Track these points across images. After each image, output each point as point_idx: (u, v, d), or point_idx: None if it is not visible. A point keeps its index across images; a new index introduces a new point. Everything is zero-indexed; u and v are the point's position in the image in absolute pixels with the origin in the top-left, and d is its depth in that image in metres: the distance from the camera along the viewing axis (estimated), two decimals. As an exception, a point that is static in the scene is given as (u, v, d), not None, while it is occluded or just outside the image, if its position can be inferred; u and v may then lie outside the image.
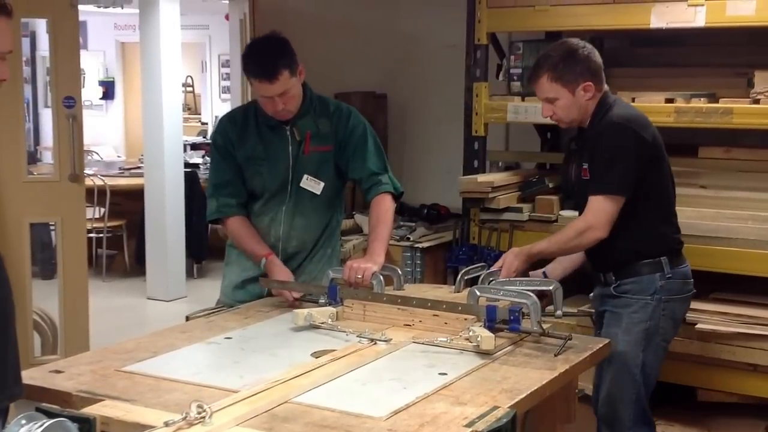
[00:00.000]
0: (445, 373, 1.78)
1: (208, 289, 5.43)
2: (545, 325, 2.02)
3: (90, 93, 9.17)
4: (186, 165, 6.00)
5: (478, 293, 2.11)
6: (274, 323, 2.19)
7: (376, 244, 2.34)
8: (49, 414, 1.39)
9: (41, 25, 8.50)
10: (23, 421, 1.31)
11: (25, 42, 8.82)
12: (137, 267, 5.98)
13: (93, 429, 1.44)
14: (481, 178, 3.39)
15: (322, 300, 2.25)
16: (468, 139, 3.51)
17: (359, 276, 2.23)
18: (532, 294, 2.03)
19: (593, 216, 2.32)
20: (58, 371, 1.78)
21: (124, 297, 5.65)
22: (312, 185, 2.42)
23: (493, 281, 2.29)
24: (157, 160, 5.50)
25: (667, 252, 2.39)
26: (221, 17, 6.64)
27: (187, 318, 2.30)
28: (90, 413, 1.49)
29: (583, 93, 2.35)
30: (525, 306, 2.01)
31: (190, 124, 8.79)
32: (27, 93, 8.85)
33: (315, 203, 2.44)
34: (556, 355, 1.92)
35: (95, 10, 7.37)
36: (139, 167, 6.44)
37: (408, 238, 3.70)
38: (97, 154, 8.02)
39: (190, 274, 5.89)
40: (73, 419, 1.40)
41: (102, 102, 9.67)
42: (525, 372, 1.81)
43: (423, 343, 1.98)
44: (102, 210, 6.03)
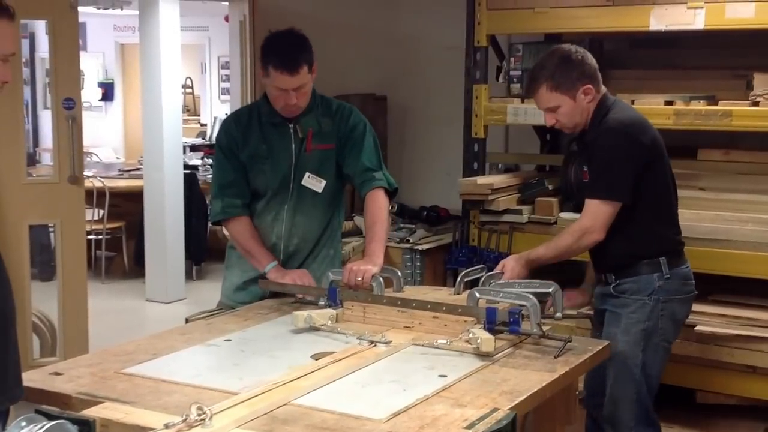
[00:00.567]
0: (445, 375, 1.78)
1: (207, 291, 5.43)
2: (545, 327, 2.02)
3: (89, 94, 9.17)
4: (185, 166, 6.00)
5: (477, 295, 2.11)
6: (273, 325, 2.19)
7: (374, 245, 2.33)
8: (49, 416, 1.39)
9: (40, 27, 8.51)
10: (23, 424, 1.31)
11: (25, 43, 8.82)
12: (136, 269, 5.97)
13: (93, 431, 1.44)
14: (481, 180, 3.40)
15: (321, 302, 2.25)
16: (468, 141, 3.51)
17: (359, 278, 2.22)
18: (531, 296, 2.03)
19: (589, 219, 2.33)
20: (57, 373, 1.78)
21: (123, 299, 5.65)
22: (314, 183, 2.41)
23: (494, 284, 2.29)
24: (157, 161, 5.50)
25: (666, 253, 2.39)
26: (221, 19, 6.64)
27: (187, 320, 2.29)
28: (90, 415, 1.49)
29: (584, 96, 2.36)
30: (525, 308, 2.01)
31: (189, 125, 8.79)
32: (26, 94, 8.85)
33: (316, 202, 2.44)
34: (556, 357, 1.92)
35: (95, 11, 7.37)
36: (139, 169, 6.44)
37: (408, 240, 3.70)
38: (97, 155, 8.02)
39: (189, 275, 5.89)
40: (73, 421, 1.40)
41: (101, 103, 9.67)
42: (525, 374, 1.81)
43: (423, 345, 1.98)
44: (101, 212, 6.02)
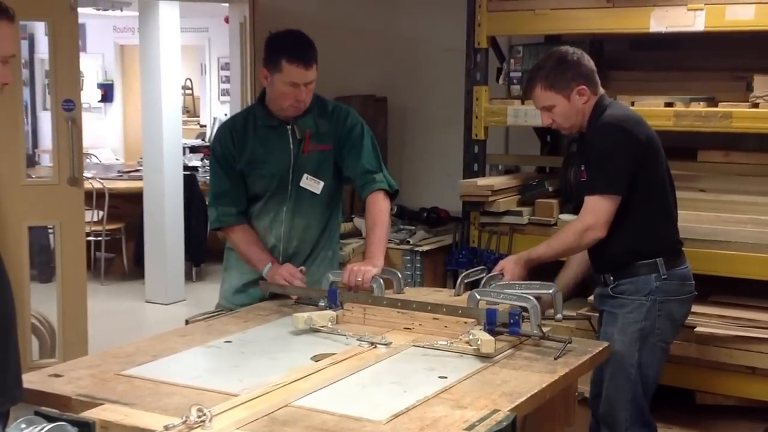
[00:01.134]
0: (445, 377, 1.77)
1: (207, 293, 5.43)
2: (545, 329, 2.02)
3: (89, 96, 9.16)
4: (185, 168, 6.00)
5: (478, 296, 2.11)
6: (273, 327, 2.19)
7: (374, 247, 2.33)
8: (49, 418, 1.38)
9: (39, 28, 8.51)
10: (23, 425, 1.31)
11: (24, 44, 8.82)
12: (136, 270, 5.97)
13: (92, 433, 1.44)
14: (481, 181, 3.40)
15: (322, 303, 2.25)
16: (468, 143, 3.51)
17: (359, 279, 2.22)
18: (531, 297, 2.03)
19: (591, 216, 2.33)
20: (57, 375, 1.78)
21: (122, 300, 5.64)
22: (312, 184, 2.42)
23: (494, 285, 2.29)
24: (156, 162, 5.50)
25: (664, 252, 2.39)
26: (221, 20, 6.64)
27: (187, 321, 2.29)
28: (89, 417, 1.49)
29: (579, 97, 2.37)
30: (525, 309, 2.01)
31: (189, 126, 8.79)
32: (26, 95, 8.83)
33: (314, 203, 2.44)
34: (556, 359, 1.92)
35: (94, 12, 7.36)
36: (138, 170, 6.44)
37: (408, 241, 3.69)
38: (96, 157, 8.02)
39: (189, 277, 5.88)
40: (73, 423, 1.40)
41: (101, 105, 9.66)
42: (525, 375, 1.81)
43: (423, 347, 1.98)
44: (101, 213, 6.02)
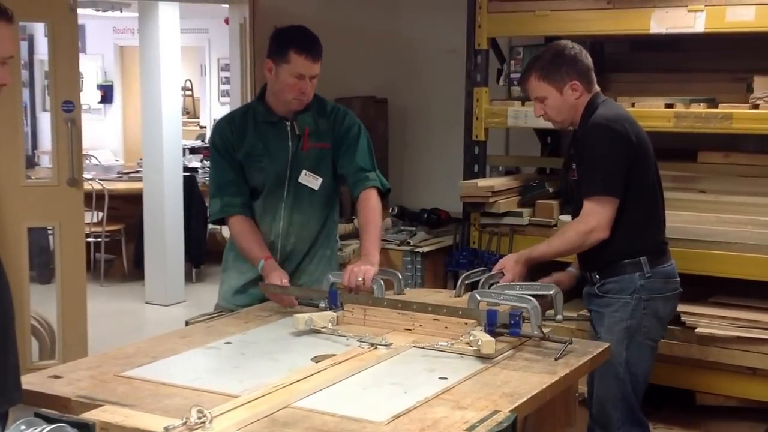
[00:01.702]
0: (446, 378, 1.77)
1: (207, 294, 5.42)
2: (545, 330, 2.02)
3: (88, 97, 9.16)
4: (185, 169, 6.00)
5: (478, 297, 2.11)
6: (274, 328, 2.19)
7: (369, 245, 2.34)
8: (49, 419, 1.38)
9: (39, 29, 8.51)
10: (22, 427, 1.31)
11: (24, 45, 8.82)
12: (136, 271, 5.97)
13: (92, 434, 1.44)
14: (482, 182, 3.39)
15: (322, 304, 2.24)
16: (468, 144, 3.51)
17: (360, 279, 2.22)
18: (532, 298, 2.03)
19: (594, 218, 2.34)
20: (57, 376, 1.78)
21: (122, 301, 5.64)
22: (310, 181, 2.44)
23: (495, 284, 2.29)
24: (156, 164, 5.50)
25: (648, 252, 2.41)
26: (221, 21, 6.64)
27: (187, 323, 2.29)
28: (89, 418, 1.49)
29: (571, 92, 2.38)
30: (525, 310, 2.01)
31: (189, 128, 8.79)
32: (25, 97, 8.84)
33: (313, 200, 2.46)
34: (556, 359, 1.91)
35: (94, 13, 7.36)
36: (138, 171, 6.44)
37: (408, 242, 3.69)
38: (96, 158, 8.02)
39: (189, 278, 5.88)
40: (73, 424, 1.39)
41: (100, 106, 9.66)
42: (525, 376, 1.81)
43: (423, 348, 1.98)
44: (100, 214, 6.02)
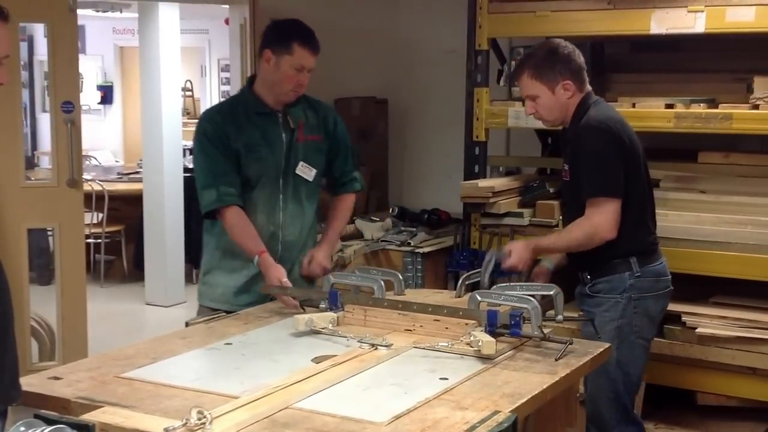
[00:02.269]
0: (446, 378, 1.77)
1: (206, 294, 5.41)
2: (546, 330, 2.02)
3: (88, 97, 9.15)
4: (185, 169, 5.99)
5: (479, 298, 2.11)
6: (274, 329, 2.18)
7: (333, 232, 2.57)
8: (48, 421, 1.38)
9: (39, 30, 8.51)
10: (22, 428, 1.31)
11: (23, 46, 8.81)
12: (136, 272, 5.97)
13: (92, 436, 1.43)
14: (482, 183, 3.39)
15: (322, 305, 2.24)
16: (469, 144, 3.51)
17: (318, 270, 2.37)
18: (532, 299, 2.03)
19: (601, 218, 2.36)
20: (56, 378, 1.77)
21: (122, 302, 5.64)
22: (306, 172, 2.48)
23: (499, 264, 2.33)
24: (156, 164, 5.50)
25: (638, 253, 2.44)
26: (221, 22, 6.63)
27: (187, 324, 2.29)
28: (89, 420, 1.49)
29: (563, 92, 2.40)
30: (526, 311, 2.01)
31: (189, 128, 8.75)
32: (24, 97, 8.84)
33: (306, 191, 2.50)
34: (557, 360, 1.91)
35: (94, 14, 7.36)
36: (138, 172, 6.43)
37: (409, 243, 3.69)
38: (96, 158, 8.01)
39: (189, 279, 5.87)
40: (72, 426, 1.39)
41: (100, 106, 9.66)
42: (526, 376, 1.81)
43: (424, 348, 1.98)
44: (100, 215, 6.02)
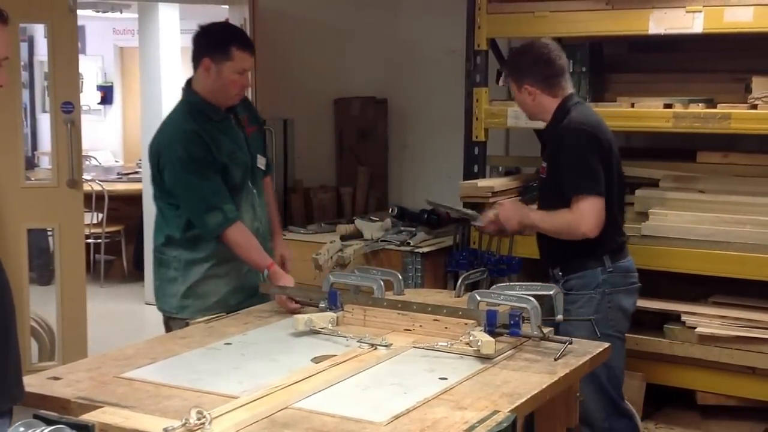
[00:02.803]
0: (446, 378, 1.78)
1: (206, 295, 5.41)
2: (545, 330, 2.02)
3: (88, 98, 9.15)
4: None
5: (478, 298, 2.11)
6: (274, 329, 2.19)
7: (277, 224, 2.71)
8: (48, 421, 1.38)
9: (39, 30, 8.50)
10: (21, 429, 1.31)
11: (23, 46, 8.81)
12: (135, 272, 5.97)
13: (92, 436, 1.44)
14: (482, 183, 3.39)
15: (322, 305, 2.25)
16: (468, 144, 3.51)
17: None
18: (532, 298, 2.03)
19: (585, 214, 2.44)
20: (56, 378, 1.78)
21: (122, 302, 5.64)
22: (262, 162, 2.60)
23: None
24: (156, 165, 5.49)
25: (609, 251, 2.53)
26: (220, 22, 6.63)
27: (187, 323, 2.29)
28: (89, 420, 1.49)
29: (527, 95, 2.54)
30: (525, 310, 2.01)
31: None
32: (25, 98, 8.83)
33: (261, 180, 2.61)
34: (556, 359, 1.92)
35: (94, 14, 7.36)
36: (138, 172, 6.43)
37: (408, 243, 3.69)
38: (96, 159, 8.01)
39: (188, 279, 5.87)
40: (72, 426, 1.39)
41: (100, 107, 9.66)
42: (525, 376, 1.81)
43: (423, 348, 1.98)
44: (100, 215, 6.02)
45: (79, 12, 3.85)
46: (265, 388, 1.69)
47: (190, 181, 2.39)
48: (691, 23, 3.01)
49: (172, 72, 5.53)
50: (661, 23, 3.07)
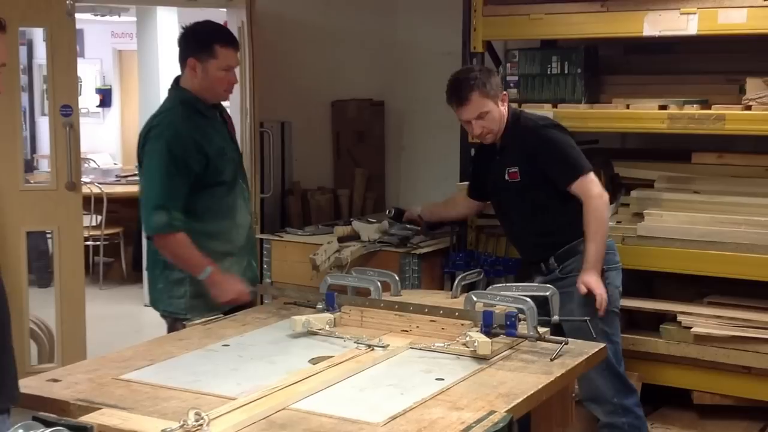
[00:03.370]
0: (442, 379, 1.79)
1: (205, 297, 5.42)
2: (541, 330, 2.04)
3: (87, 101, 9.17)
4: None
5: (474, 299, 2.12)
6: (271, 330, 2.20)
7: None
8: (47, 423, 1.39)
9: (38, 34, 8.51)
10: (21, 431, 1.31)
11: (22, 50, 8.82)
12: (134, 274, 5.97)
13: (91, 437, 1.44)
14: (477, 184, 3.40)
15: (319, 306, 2.26)
16: (464, 146, 3.52)
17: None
18: (528, 299, 2.04)
19: (596, 187, 2.61)
20: (55, 380, 1.79)
21: (121, 304, 5.64)
22: (243, 159, 2.73)
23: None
24: (154, 167, 5.50)
25: None
26: (218, 25, 6.64)
27: (185, 325, 2.30)
28: (88, 422, 1.50)
29: (503, 103, 2.68)
30: (521, 311, 2.03)
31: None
32: (24, 101, 8.84)
33: (247, 179, 2.69)
34: (552, 360, 1.93)
35: (92, 18, 7.38)
36: (136, 174, 6.41)
37: (405, 244, 3.70)
38: (94, 161, 8.02)
39: (187, 281, 5.88)
40: (71, 428, 1.40)
41: (99, 110, 9.67)
42: (521, 376, 1.82)
43: (420, 349, 1.99)
44: (99, 218, 6.03)
45: (78, 16, 3.85)
46: (263, 389, 1.70)
47: (155, 174, 2.40)
48: (686, 25, 3.03)
49: (170, 75, 5.50)
50: (656, 25, 3.08)
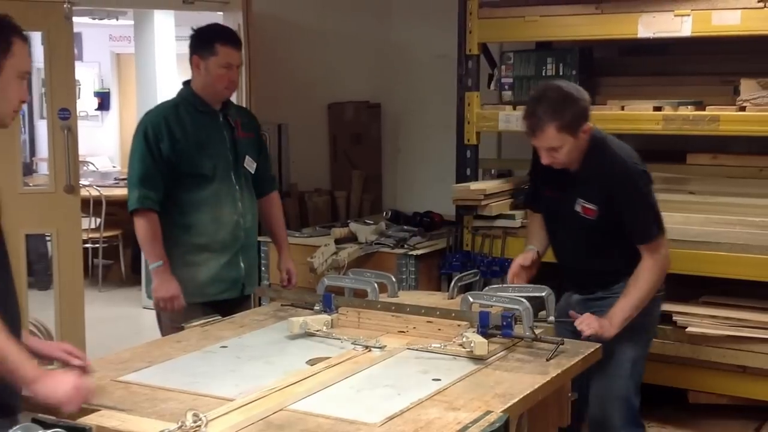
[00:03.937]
0: (439, 379, 1.80)
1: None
2: (537, 331, 2.05)
3: (85, 104, 9.16)
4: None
5: (471, 300, 2.14)
6: (269, 331, 2.21)
7: (284, 240, 2.86)
8: (45, 425, 1.40)
9: (36, 38, 8.50)
10: (20, 432, 1.33)
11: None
12: (133, 276, 5.98)
13: (90, 438, 1.46)
14: (474, 185, 3.42)
15: (317, 307, 2.27)
16: (460, 148, 3.54)
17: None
18: (524, 300, 2.06)
19: (663, 249, 2.43)
20: (55, 381, 1.79)
21: (120, 307, 5.65)
22: (250, 165, 2.73)
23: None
24: (152, 170, 5.50)
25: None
26: (215, 28, 6.65)
27: (183, 327, 2.31)
28: (86, 423, 1.51)
29: (584, 135, 2.35)
30: (517, 312, 2.04)
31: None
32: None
33: (251, 183, 2.74)
34: (548, 360, 1.94)
35: (90, 22, 7.38)
36: (135, 177, 6.43)
37: (402, 245, 3.72)
38: (93, 164, 8.02)
39: (185, 283, 5.88)
40: (70, 429, 1.41)
41: (97, 113, 9.67)
42: (518, 377, 1.84)
43: (417, 350, 2.00)
44: (98, 220, 6.03)
45: (76, 19, 3.87)
46: (261, 390, 1.71)
47: (133, 156, 2.63)
48: (680, 27, 3.05)
49: (167, 78, 5.55)
50: (650, 27, 3.10)
